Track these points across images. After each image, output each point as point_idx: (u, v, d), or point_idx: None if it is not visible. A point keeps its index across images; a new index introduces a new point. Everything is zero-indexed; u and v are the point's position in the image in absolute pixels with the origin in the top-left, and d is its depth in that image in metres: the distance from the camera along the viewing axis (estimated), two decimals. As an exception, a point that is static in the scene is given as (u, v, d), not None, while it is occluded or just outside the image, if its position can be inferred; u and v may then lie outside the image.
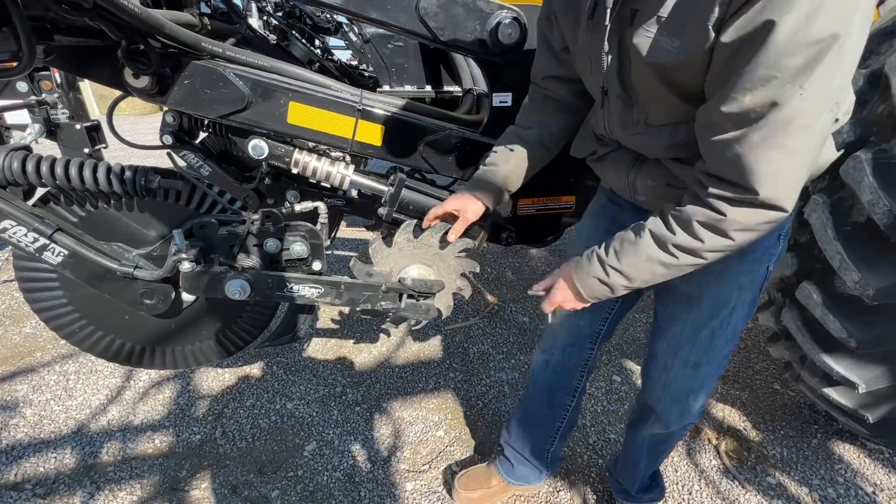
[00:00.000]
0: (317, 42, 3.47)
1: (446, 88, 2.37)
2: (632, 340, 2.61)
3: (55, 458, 1.74)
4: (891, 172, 1.23)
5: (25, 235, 1.01)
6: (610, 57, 0.80)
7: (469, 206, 1.12)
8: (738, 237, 0.73)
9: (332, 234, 2.38)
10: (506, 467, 1.58)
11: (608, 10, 0.73)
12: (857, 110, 1.34)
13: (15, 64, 0.91)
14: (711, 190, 0.71)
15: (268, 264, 1.17)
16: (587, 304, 0.94)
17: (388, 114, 1.41)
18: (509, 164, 1.13)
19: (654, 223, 0.81)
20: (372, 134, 1.41)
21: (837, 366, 1.52)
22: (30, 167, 0.96)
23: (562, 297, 0.95)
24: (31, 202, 1.05)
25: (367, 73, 3.06)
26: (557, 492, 1.68)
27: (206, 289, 1.09)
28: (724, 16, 0.58)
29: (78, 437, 1.83)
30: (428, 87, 2.33)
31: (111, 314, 1.25)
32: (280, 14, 2.88)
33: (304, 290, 1.15)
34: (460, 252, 1.25)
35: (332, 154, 1.62)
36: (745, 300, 1.01)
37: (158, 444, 1.81)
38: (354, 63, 4.18)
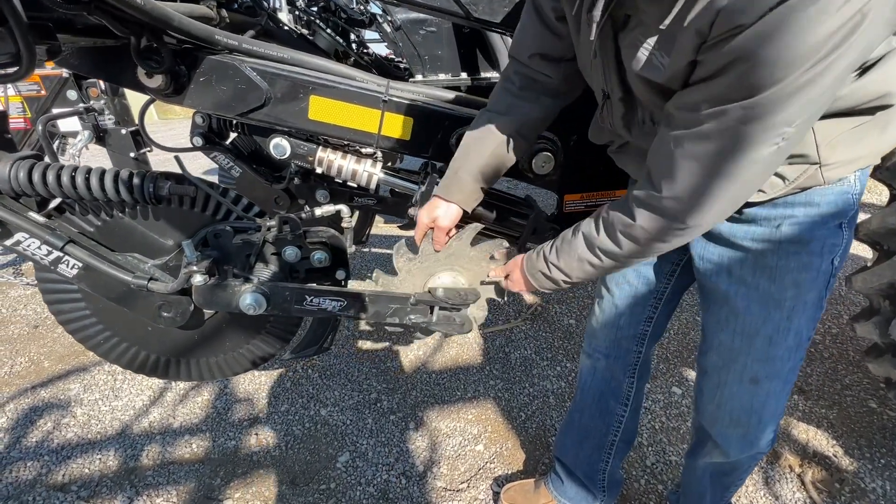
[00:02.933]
0: (352, 36, 3.40)
1: (483, 75, 2.19)
2: (693, 347, 2.34)
3: (100, 459, 1.77)
4: None
5: (39, 248, 0.96)
6: (608, 62, 0.77)
7: (441, 215, 1.01)
8: (647, 245, 0.76)
9: (366, 234, 2.30)
10: (556, 484, 1.45)
11: (599, 14, 0.68)
12: None
13: (16, 68, 0.86)
14: (635, 192, 0.75)
15: (286, 275, 1.07)
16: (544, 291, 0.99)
17: (418, 104, 1.27)
18: (483, 158, 0.98)
19: (587, 224, 0.85)
20: (400, 127, 1.28)
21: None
22: (36, 177, 0.91)
23: (517, 286, 1.01)
24: (46, 212, 1.00)
25: (402, 65, 2.94)
26: (611, 523, 1.50)
27: (219, 303, 1.01)
28: (705, 42, 0.58)
29: (121, 439, 1.86)
30: (463, 75, 2.17)
31: (135, 325, 1.21)
32: (315, 9, 2.82)
33: (326, 304, 1.04)
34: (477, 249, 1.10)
35: (363, 151, 1.51)
36: (808, 301, 0.86)
37: (195, 449, 1.81)
38: (390, 56, 4.09)
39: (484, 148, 0.97)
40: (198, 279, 0.97)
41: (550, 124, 1.06)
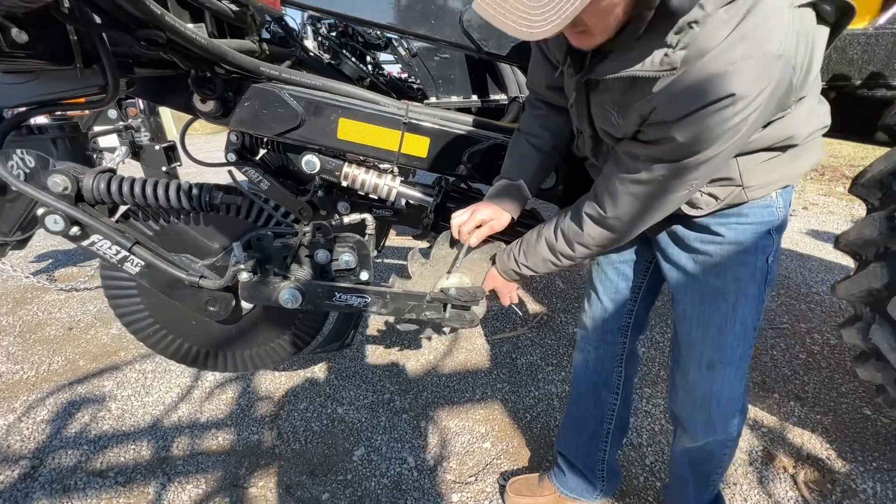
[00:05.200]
0: (368, 58, 3.62)
1: (492, 97, 2.37)
2: (693, 355, 2.43)
3: (134, 449, 1.91)
4: None
5: (110, 248, 1.12)
6: (582, 110, 0.97)
7: (498, 217, 1.14)
8: (594, 249, 1.00)
9: (381, 244, 2.45)
10: (558, 476, 1.55)
11: (574, 76, 0.89)
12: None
13: (103, 96, 1.03)
14: (586, 209, 0.96)
15: (318, 274, 1.22)
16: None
17: (433, 126, 1.42)
18: (528, 174, 1.14)
19: (548, 231, 1.05)
20: (417, 146, 1.44)
21: (941, 391, 1.32)
22: (113, 187, 1.07)
23: (503, 290, 1.20)
24: (116, 217, 1.17)
25: (416, 86, 3.14)
26: (611, 515, 1.60)
27: (261, 297, 1.15)
28: (645, 121, 0.80)
29: (153, 432, 2.00)
30: (474, 97, 2.35)
31: (180, 320, 1.36)
32: (334, 34, 3.03)
33: (352, 300, 1.19)
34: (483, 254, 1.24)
35: (381, 167, 1.67)
36: (749, 294, 1.04)
37: (221, 442, 1.94)
38: (404, 76, 4.30)
39: (529, 166, 1.14)
40: (244, 276, 1.12)
41: None
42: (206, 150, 1.80)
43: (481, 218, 1.12)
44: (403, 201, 1.71)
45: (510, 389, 2.24)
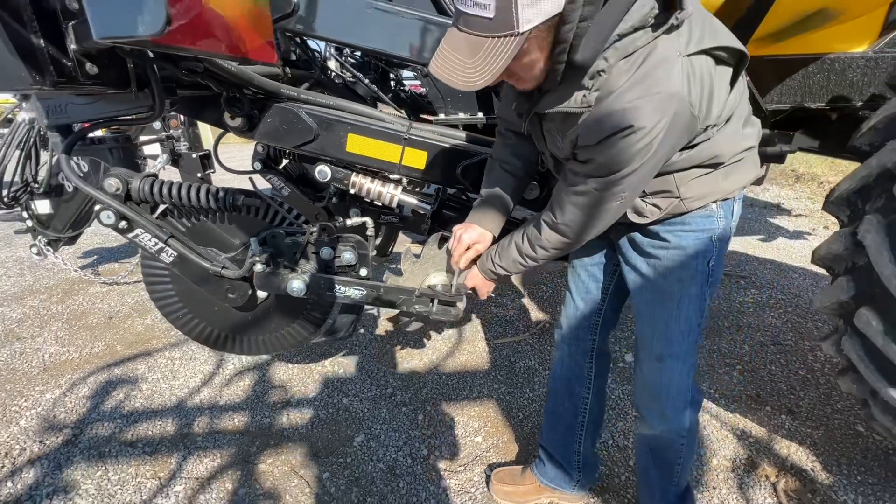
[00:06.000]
0: (391, 75, 3.85)
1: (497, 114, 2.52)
2: (688, 366, 2.49)
3: (160, 425, 2.12)
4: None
5: (150, 240, 1.33)
6: (538, 135, 1.13)
7: (483, 239, 1.28)
8: (552, 251, 1.13)
9: (390, 249, 2.63)
10: (539, 467, 1.67)
11: (525, 114, 1.05)
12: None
13: (151, 114, 1.25)
14: (544, 216, 1.11)
15: (322, 269, 1.40)
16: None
17: (431, 142, 1.60)
18: (505, 195, 1.29)
19: (518, 237, 1.19)
20: (416, 159, 1.61)
21: (908, 402, 1.38)
22: (155, 189, 1.28)
23: (482, 288, 1.33)
24: (156, 215, 1.38)
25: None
26: (589, 507, 1.69)
27: (272, 286, 1.34)
28: (576, 145, 0.97)
29: (177, 411, 2.21)
30: (480, 114, 2.51)
31: (204, 305, 1.56)
32: (358, 53, 3.27)
33: (351, 292, 1.36)
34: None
35: (392, 177, 1.85)
36: (692, 294, 1.16)
37: (237, 423, 2.13)
38: (422, 91, 4.52)
39: (506, 190, 1.29)
40: (258, 268, 1.30)
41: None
42: (239, 158, 2.03)
43: (468, 242, 1.28)
44: (410, 209, 1.89)
45: (506, 390, 2.35)
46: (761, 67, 1.82)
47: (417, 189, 1.86)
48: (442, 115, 2.57)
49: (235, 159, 2.06)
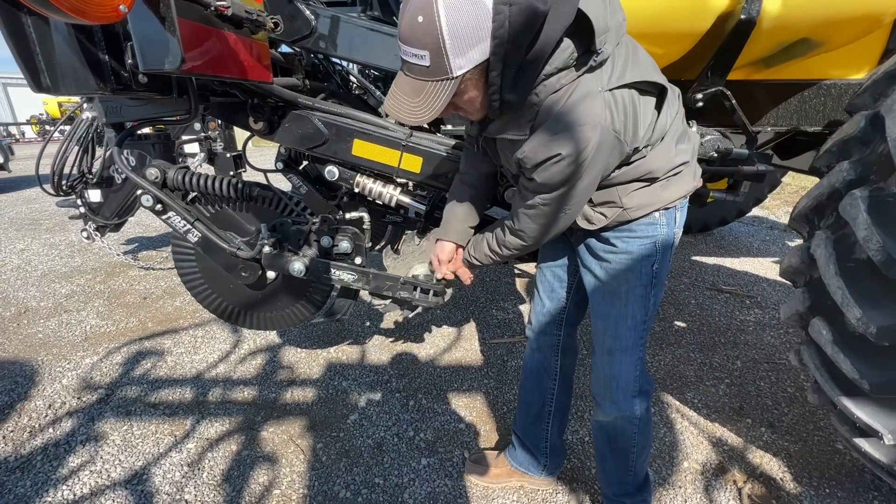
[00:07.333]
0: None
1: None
2: (679, 378, 2.56)
3: (179, 392, 2.37)
4: (886, 210, 1.24)
5: (180, 222, 1.58)
6: (494, 152, 1.27)
7: (454, 255, 1.48)
8: (514, 251, 1.29)
9: (397, 247, 2.83)
10: (511, 452, 1.81)
11: (476, 134, 1.23)
12: (860, 149, 1.37)
13: (188, 115, 1.50)
14: (507, 221, 1.27)
15: (321, 255, 1.61)
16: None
17: (426, 149, 1.79)
18: (473, 210, 1.46)
19: (489, 233, 1.35)
20: (412, 163, 1.81)
21: (859, 411, 1.45)
22: (187, 178, 1.53)
23: (463, 275, 1.50)
24: (186, 201, 1.63)
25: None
26: (557, 493, 1.81)
27: (278, 266, 1.55)
28: (520, 164, 1.09)
29: (195, 382, 2.46)
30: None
31: (222, 282, 1.80)
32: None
33: (344, 275, 1.55)
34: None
35: (398, 180, 2.05)
36: (637, 294, 1.28)
37: (246, 395, 2.36)
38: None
39: (470, 203, 1.46)
40: (267, 250, 1.52)
41: None
42: (270, 157, 2.30)
43: (447, 259, 1.48)
44: (413, 210, 2.08)
45: (495, 386, 2.49)
46: (756, 91, 1.92)
47: (416, 191, 2.05)
48: (449, 126, 2.78)
49: (261, 159, 2.33)
